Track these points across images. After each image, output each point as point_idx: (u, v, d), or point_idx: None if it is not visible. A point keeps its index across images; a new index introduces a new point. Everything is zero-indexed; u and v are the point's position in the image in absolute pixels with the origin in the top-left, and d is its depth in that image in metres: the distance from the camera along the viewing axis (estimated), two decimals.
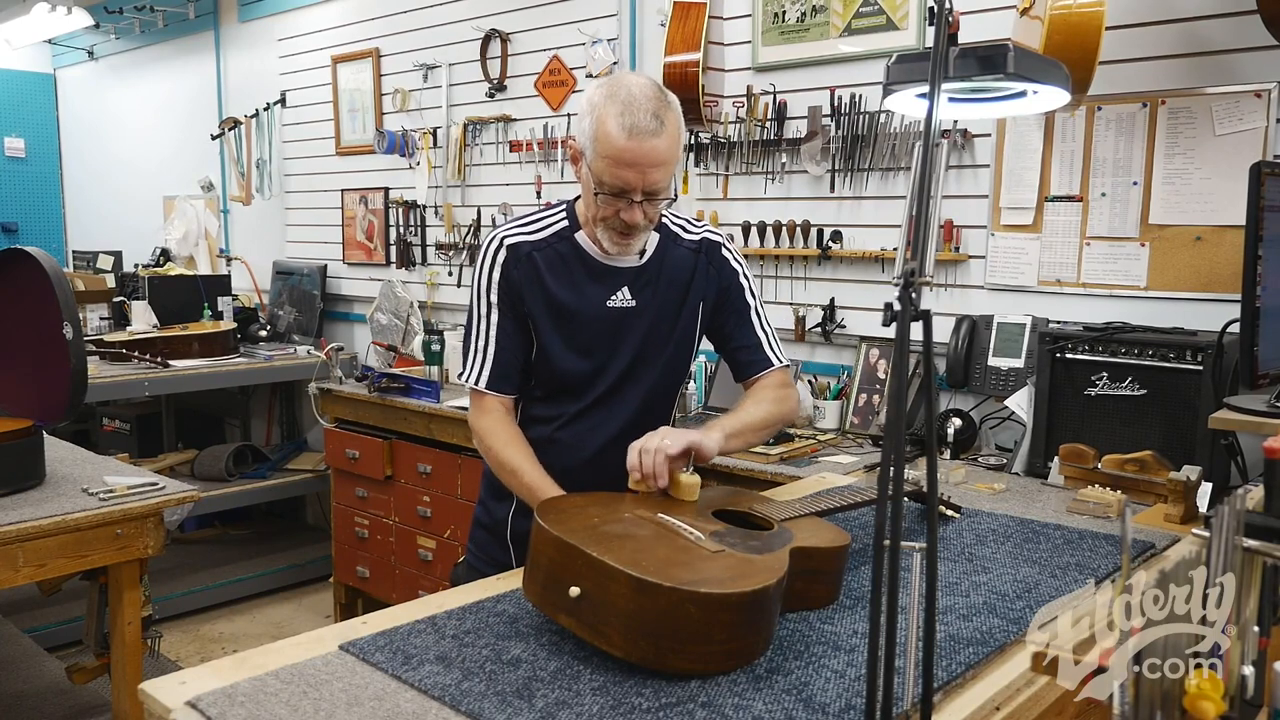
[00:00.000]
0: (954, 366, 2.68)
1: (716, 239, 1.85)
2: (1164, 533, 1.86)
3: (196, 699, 1.15)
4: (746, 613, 1.23)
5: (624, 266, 1.76)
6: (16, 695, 2.94)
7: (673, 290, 1.79)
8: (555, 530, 1.31)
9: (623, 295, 1.76)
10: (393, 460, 3.63)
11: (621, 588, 1.22)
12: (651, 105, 1.59)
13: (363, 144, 4.55)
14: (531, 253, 1.74)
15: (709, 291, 1.83)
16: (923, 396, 2.72)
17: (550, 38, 3.79)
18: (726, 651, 1.23)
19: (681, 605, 1.20)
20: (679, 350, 1.83)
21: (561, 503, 1.46)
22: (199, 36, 5.54)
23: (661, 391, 1.84)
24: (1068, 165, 2.62)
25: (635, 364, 1.78)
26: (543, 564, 1.33)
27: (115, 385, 3.91)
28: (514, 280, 1.74)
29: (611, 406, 1.79)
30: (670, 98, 1.64)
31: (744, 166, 3.25)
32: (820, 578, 1.45)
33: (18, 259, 2.29)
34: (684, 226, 1.83)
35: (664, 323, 1.79)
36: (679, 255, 1.80)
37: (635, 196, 1.61)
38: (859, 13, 2.96)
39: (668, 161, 1.61)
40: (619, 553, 1.27)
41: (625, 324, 1.77)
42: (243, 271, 5.23)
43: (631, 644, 1.21)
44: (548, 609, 1.32)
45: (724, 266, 1.84)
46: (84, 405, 2.33)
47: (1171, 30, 2.43)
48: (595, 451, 1.79)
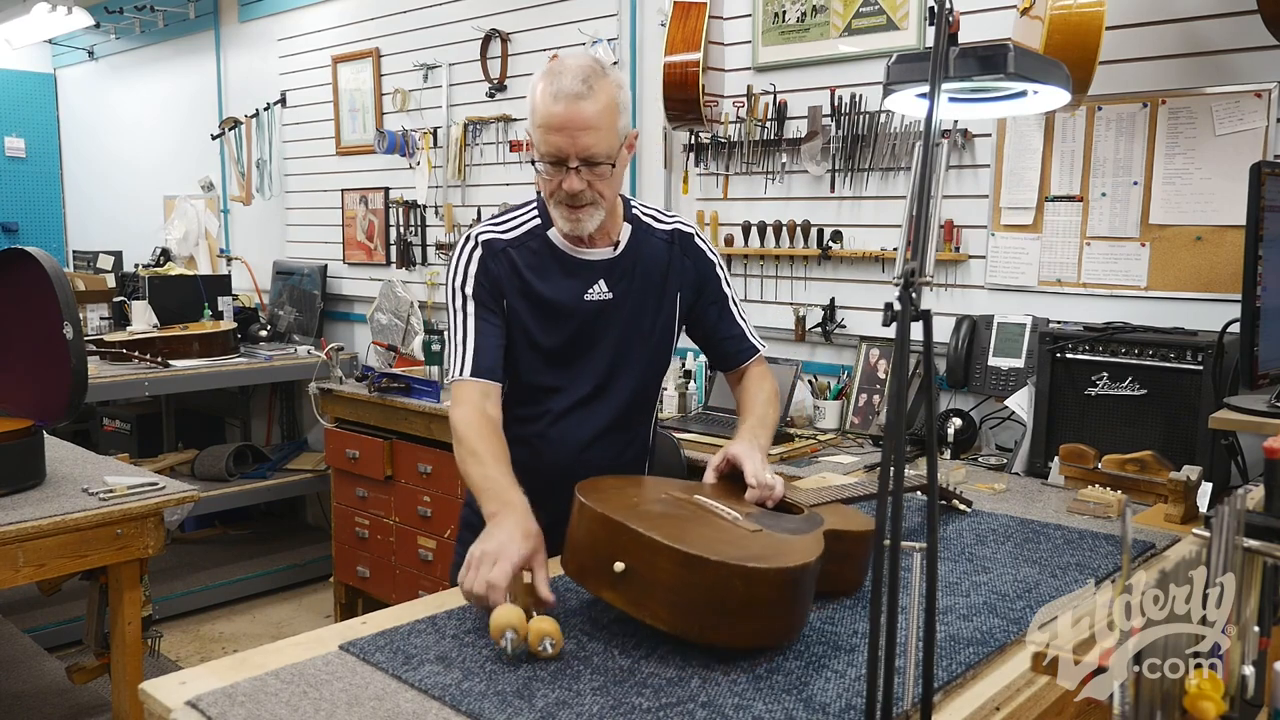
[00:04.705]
0: (954, 366, 2.68)
1: (688, 230, 1.84)
2: (1164, 533, 1.86)
3: (196, 699, 1.15)
4: (789, 589, 1.26)
5: (598, 259, 1.75)
6: (16, 695, 2.94)
7: (649, 282, 1.79)
8: (599, 508, 1.33)
9: (599, 288, 1.75)
10: (393, 460, 3.63)
11: (667, 562, 1.24)
12: (582, 73, 1.59)
13: (363, 144, 4.55)
14: (506, 249, 1.73)
15: (686, 282, 1.82)
16: (923, 396, 2.72)
17: (550, 38, 3.79)
18: (768, 629, 1.27)
19: (728, 580, 1.22)
20: (660, 342, 1.82)
21: (600, 483, 1.46)
22: (199, 36, 5.54)
23: (646, 383, 1.84)
24: (1068, 165, 2.62)
25: (617, 357, 1.78)
26: (585, 540, 1.34)
27: (115, 385, 3.91)
28: (493, 273, 1.72)
29: (598, 400, 1.79)
30: (610, 71, 1.64)
31: (744, 166, 3.25)
32: (849, 561, 1.49)
33: (18, 259, 2.29)
34: (655, 217, 1.83)
35: (643, 314, 1.78)
36: (653, 246, 1.80)
37: (571, 163, 1.60)
38: (859, 13, 2.96)
39: (597, 126, 1.59)
40: (664, 529, 1.29)
41: (604, 317, 1.76)
42: (243, 271, 5.23)
43: (677, 617, 1.24)
44: (589, 584, 1.33)
45: (700, 257, 1.83)
46: (84, 405, 2.33)
47: (1171, 30, 2.43)
48: (584, 445, 1.79)
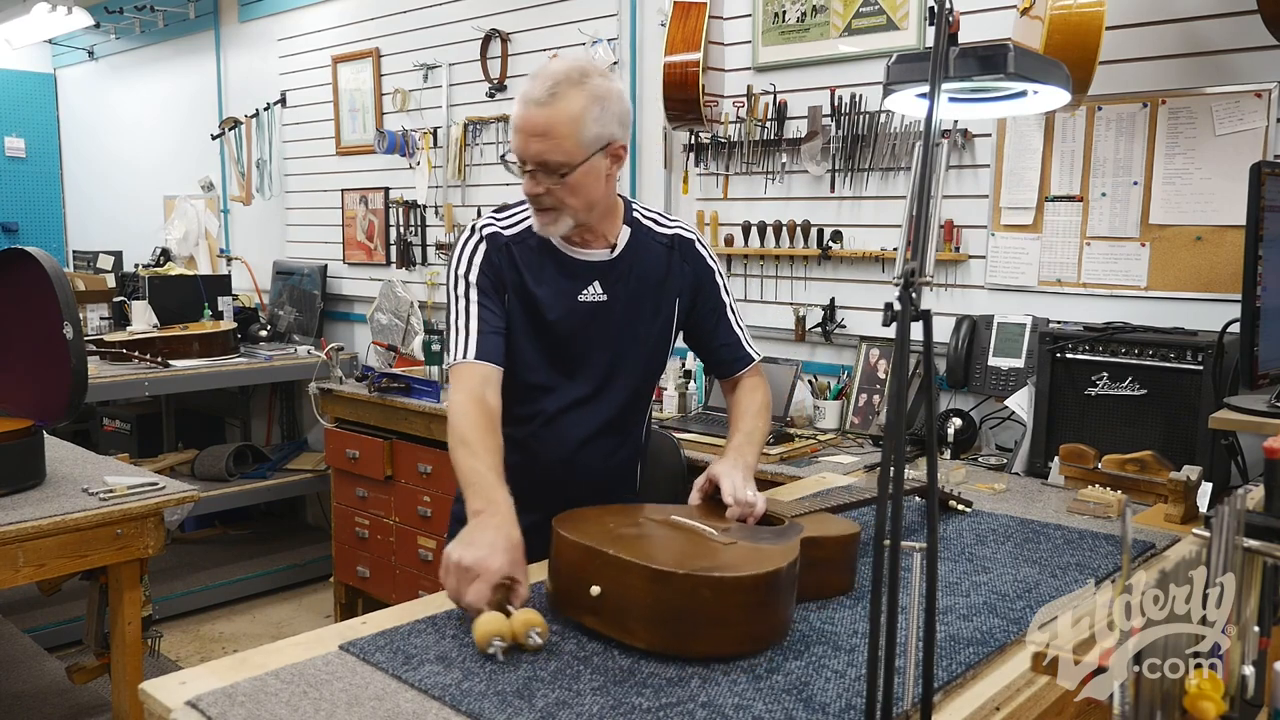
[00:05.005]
0: (954, 366, 2.68)
1: (689, 235, 1.82)
2: (1164, 533, 1.86)
3: (196, 699, 1.15)
4: (760, 595, 1.27)
5: (594, 260, 1.74)
6: (16, 695, 2.94)
7: (646, 285, 1.77)
8: (572, 536, 1.35)
9: (594, 290, 1.74)
10: (393, 460, 3.63)
11: (639, 580, 1.26)
12: (552, 79, 1.56)
13: (363, 144, 4.55)
14: (509, 244, 1.73)
15: (684, 287, 1.81)
16: (923, 396, 2.72)
17: (550, 38, 3.79)
18: (745, 635, 1.27)
19: (696, 590, 1.24)
20: (656, 346, 1.81)
21: (577, 514, 1.48)
22: (199, 36, 5.54)
23: (640, 386, 1.83)
24: (1068, 165, 2.62)
25: (613, 358, 1.77)
26: (563, 569, 1.38)
27: (115, 385, 3.90)
28: (496, 264, 1.72)
29: (592, 401, 1.78)
30: (590, 80, 1.58)
31: (744, 166, 3.25)
32: (834, 566, 1.50)
33: (18, 259, 2.29)
34: (656, 221, 1.81)
35: (638, 318, 1.77)
36: (652, 250, 1.78)
37: (527, 166, 1.60)
38: (859, 13, 2.96)
39: (550, 134, 1.56)
40: (635, 549, 1.31)
41: (598, 318, 1.75)
42: (243, 271, 5.23)
43: (653, 633, 1.26)
44: (571, 612, 1.35)
45: (699, 263, 1.82)
46: (84, 405, 2.33)
47: (1171, 30, 2.43)
48: (577, 446, 1.79)
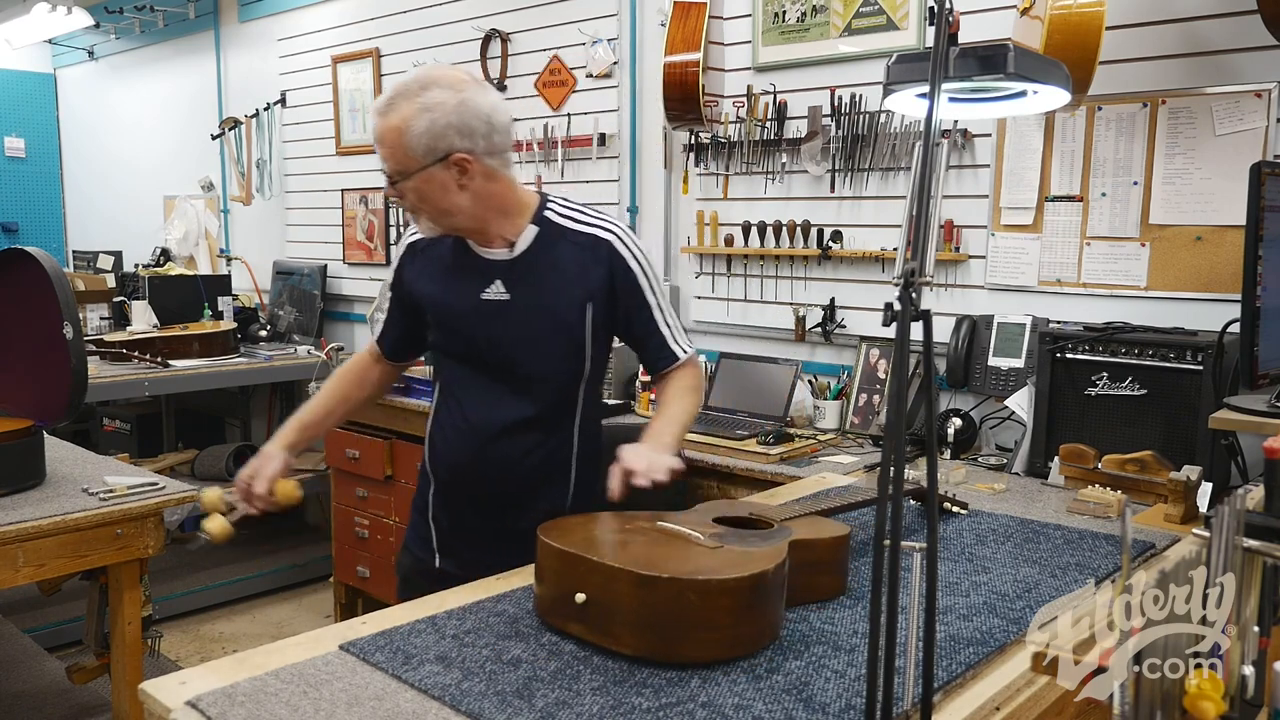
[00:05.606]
0: (954, 366, 2.68)
1: (609, 236, 1.77)
2: (1164, 533, 1.86)
3: (196, 699, 1.15)
4: (747, 597, 1.26)
5: (495, 260, 1.76)
6: (16, 695, 2.94)
7: (549, 284, 1.75)
8: (557, 543, 1.34)
9: (496, 288, 1.75)
10: (393, 460, 3.63)
11: (624, 585, 1.25)
12: (395, 90, 1.64)
13: (363, 144, 4.55)
14: (426, 248, 1.83)
15: (597, 288, 1.76)
16: (923, 396, 2.72)
17: (550, 38, 3.79)
18: (733, 638, 1.26)
19: (682, 594, 1.23)
20: (570, 345, 1.78)
21: (562, 522, 1.48)
22: (199, 36, 5.54)
23: (558, 384, 1.81)
24: (1068, 165, 2.62)
25: (519, 356, 1.77)
26: (548, 578, 1.36)
27: (115, 385, 3.90)
28: (405, 278, 1.88)
29: (504, 398, 1.79)
30: (426, 93, 1.62)
31: (744, 166, 3.25)
32: (823, 569, 1.48)
33: (18, 259, 2.29)
34: (575, 219, 1.78)
35: (542, 317, 1.76)
36: (562, 250, 1.76)
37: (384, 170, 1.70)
38: (859, 13, 2.96)
39: (380, 142, 1.66)
40: (620, 555, 1.30)
41: (500, 317, 1.76)
42: (243, 271, 5.23)
43: (640, 639, 1.24)
44: (558, 621, 1.34)
45: (616, 263, 1.77)
46: (84, 405, 2.33)
47: (1171, 30, 2.43)
48: (488, 439, 1.80)
